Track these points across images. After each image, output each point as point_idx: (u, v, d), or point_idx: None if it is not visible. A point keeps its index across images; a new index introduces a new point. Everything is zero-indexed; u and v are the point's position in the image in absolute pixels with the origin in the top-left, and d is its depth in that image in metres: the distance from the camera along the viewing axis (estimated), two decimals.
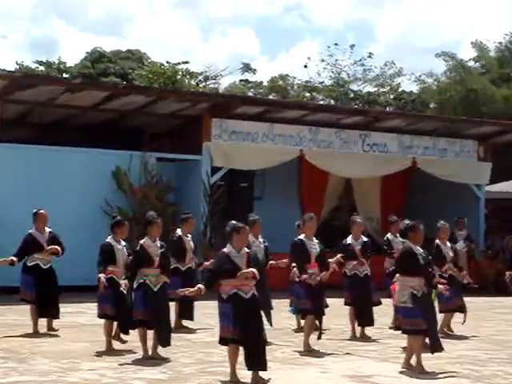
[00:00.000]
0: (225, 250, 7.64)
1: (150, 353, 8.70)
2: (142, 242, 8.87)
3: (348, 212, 20.36)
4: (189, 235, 11.38)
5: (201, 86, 35.06)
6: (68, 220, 15.16)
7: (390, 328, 10.94)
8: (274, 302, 10.28)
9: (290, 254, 9.66)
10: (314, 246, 9.39)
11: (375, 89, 37.88)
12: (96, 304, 9.34)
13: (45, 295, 10.55)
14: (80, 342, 9.87)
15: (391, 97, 37.51)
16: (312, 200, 18.95)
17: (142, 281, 8.71)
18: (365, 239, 10.97)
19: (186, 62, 35.06)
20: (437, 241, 10.88)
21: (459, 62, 31.09)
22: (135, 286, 8.75)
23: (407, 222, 8.51)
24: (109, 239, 9.48)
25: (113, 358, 8.70)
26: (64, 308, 11.35)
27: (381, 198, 20.46)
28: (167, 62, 34.31)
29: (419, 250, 8.24)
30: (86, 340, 9.95)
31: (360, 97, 36.68)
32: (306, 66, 38.33)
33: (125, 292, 9.01)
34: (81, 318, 11.82)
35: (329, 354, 9.18)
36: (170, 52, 61.53)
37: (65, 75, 38.15)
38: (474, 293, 15.06)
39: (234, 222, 7.70)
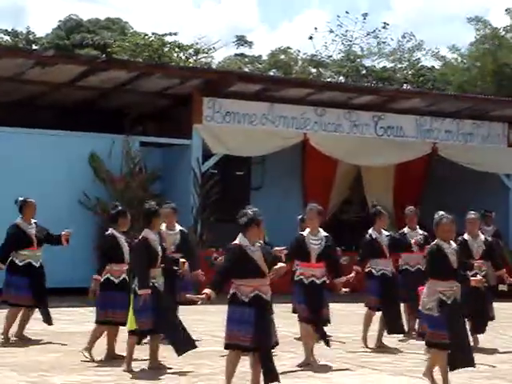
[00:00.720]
0: (239, 242, 7.38)
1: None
2: (144, 235, 8.74)
3: (359, 205, 20.40)
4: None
5: (191, 60, 34.99)
6: (40, 214, 15.10)
7: (413, 336, 10.91)
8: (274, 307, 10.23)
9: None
10: (317, 241, 9.26)
11: (391, 64, 37.82)
12: (94, 308, 9.35)
13: (42, 298, 10.58)
14: (51, 352, 9.84)
15: (409, 73, 37.45)
16: (317, 191, 18.89)
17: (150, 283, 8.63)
18: (389, 233, 11.04)
19: (175, 34, 35.00)
20: (465, 235, 10.82)
21: (493, 30, 30.88)
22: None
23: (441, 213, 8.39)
24: (112, 231, 9.40)
25: (89, 371, 8.67)
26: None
27: (394, 188, 20.41)
28: (153, 33, 34.26)
29: (452, 247, 7.95)
30: (58, 350, 9.92)
31: (373, 73, 36.60)
32: (311, 38, 38.28)
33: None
34: (52, 326, 11.77)
35: (336, 368, 9.15)
36: (155, 22, 61.46)
37: (34, 47, 38.03)
38: (504, 297, 15.07)
39: (251, 210, 7.47)
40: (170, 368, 8.86)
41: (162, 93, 17.58)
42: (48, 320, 10.71)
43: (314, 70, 38.64)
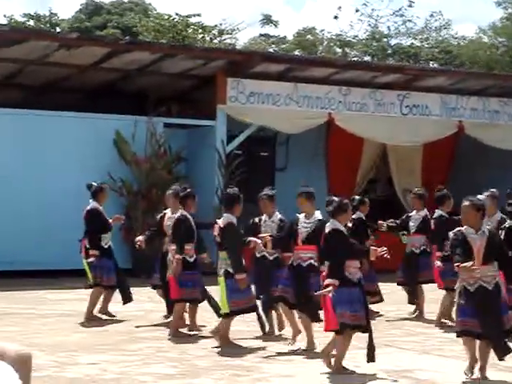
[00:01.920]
0: (337, 227, 7.87)
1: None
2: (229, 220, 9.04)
3: (386, 184, 20.35)
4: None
5: (215, 41, 34.93)
6: (66, 196, 15.26)
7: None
8: None
9: None
10: (306, 224, 9.02)
11: (418, 44, 37.55)
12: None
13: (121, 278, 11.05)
14: (77, 332, 9.94)
15: (436, 51, 37.16)
16: (343, 171, 18.87)
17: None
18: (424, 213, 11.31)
19: (198, 15, 34.95)
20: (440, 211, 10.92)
21: None
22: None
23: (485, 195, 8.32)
24: (184, 213, 9.68)
25: (116, 351, 8.76)
26: (64, 294, 11.50)
27: (422, 168, 20.32)
28: (176, 14, 34.18)
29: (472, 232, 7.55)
30: (84, 330, 10.02)
31: (400, 50, 36.34)
32: (336, 17, 38.10)
33: None
34: (79, 306, 11.89)
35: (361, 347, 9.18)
36: (178, 3, 61.24)
37: (58, 30, 38.14)
38: None
39: (336, 198, 8.03)
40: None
41: (186, 74, 17.58)
42: (127, 298, 10.98)
43: (339, 50, 38.45)
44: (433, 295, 11.67)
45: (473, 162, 20.37)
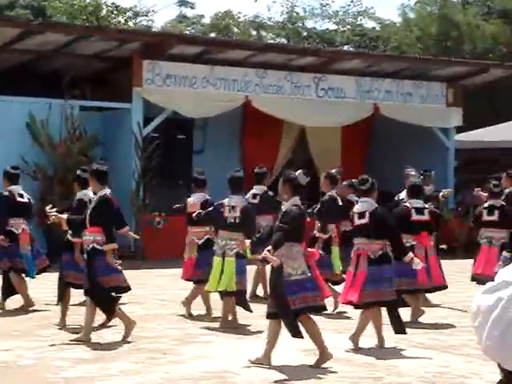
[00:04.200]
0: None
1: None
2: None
3: (303, 167, 20.50)
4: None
5: (130, 23, 34.55)
6: None
7: None
8: None
9: None
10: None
11: (334, 27, 37.90)
12: None
13: None
14: None
15: (351, 36, 37.59)
16: (260, 153, 18.94)
17: None
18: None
19: None
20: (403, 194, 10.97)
21: None
22: None
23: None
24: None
25: (31, 337, 8.64)
26: None
27: (342, 150, 20.61)
28: None
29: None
30: None
31: (314, 35, 36.66)
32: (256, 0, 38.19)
33: None
34: None
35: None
36: None
37: None
38: (444, 255, 15.33)
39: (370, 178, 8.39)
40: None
41: (101, 56, 17.36)
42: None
43: (254, 33, 38.51)
44: None
45: (385, 144, 20.72)
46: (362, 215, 8.22)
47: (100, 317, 8.86)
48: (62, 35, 16.32)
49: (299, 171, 7.85)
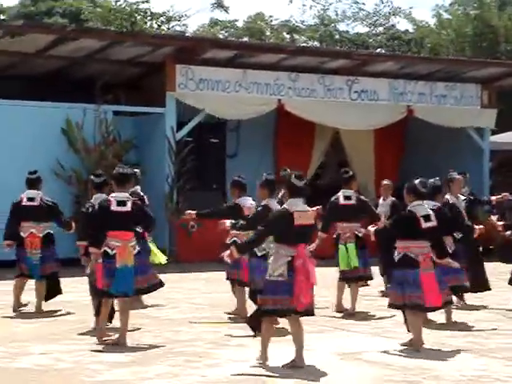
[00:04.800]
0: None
1: None
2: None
3: (335, 170, 20.48)
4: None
5: (163, 28, 34.67)
6: (14, 185, 15.00)
7: None
8: None
9: None
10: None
11: (366, 29, 37.77)
12: None
13: None
14: (29, 323, 9.86)
15: (384, 38, 37.39)
16: (293, 157, 18.97)
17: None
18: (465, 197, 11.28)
19: (146, 1, 34.62)
20: (447, 196, 10.89)
21: None
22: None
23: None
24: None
25: (69, 340, 8.71)
26: (5, 286, 11.37)
27: (375, 153, 20.57)
28: (124, 1, 33.85)
29: None
30: (33, 321, 9.94)
31: (346, 39, 36.58)
32: (291, 1, 38.26)
33: None
34: (25, 297, 11.80)
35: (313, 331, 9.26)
36: None
37: (2, 17, 37.54)
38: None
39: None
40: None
41: (134, 61, 17.48)
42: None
43: (287, 36, 38.51)
44: None
45: (419, 147, 20.64)
46: (428, 218, 8.23)
47: (134, 320, 8.92)
48: (95, 41, 16.46)
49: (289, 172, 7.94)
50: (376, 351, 8.10)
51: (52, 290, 10.56)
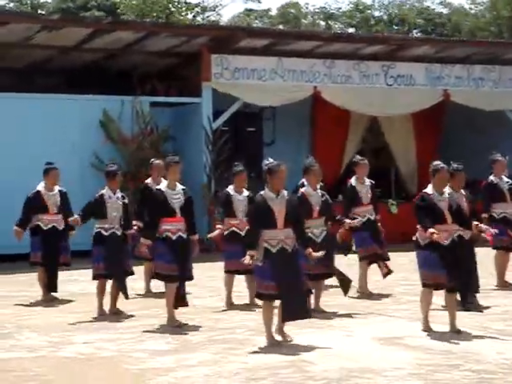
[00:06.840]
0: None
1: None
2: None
3: (373, 156, 20.40)
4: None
5: (198, 18, 34.76)
6: None
7: None
8: None
9: None
10: (176, 196, 9.03)
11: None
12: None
13: None
14: (72, 313, 9.98)
15: (418, 20, 37.10)
16: (330, 143, 18.94)
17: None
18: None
19: None
20: (492, 177, 11.00)
21: None
22: None
23: None
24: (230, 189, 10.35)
25: (111, 330, 8.80)
26: None
27: (415, 137, 20.47)
28: None
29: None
30: (79, 311, 10.06)
31: (383, 20, 36.31)
32: None
33: None
34: (71, 287, 11.94)
35: (352, 316, 9.25)
36: None
37: (39, 12, 37.87)
38: None
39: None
40: (186, 324, 8.99)
41: (170, 52, 17.53)
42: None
43: (323, 23, 38.40)
44: None
45: (457, 131, 20.46)
46: None
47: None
48: (131, 33, 16.54)
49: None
50: (416, 336, 8.09)
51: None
